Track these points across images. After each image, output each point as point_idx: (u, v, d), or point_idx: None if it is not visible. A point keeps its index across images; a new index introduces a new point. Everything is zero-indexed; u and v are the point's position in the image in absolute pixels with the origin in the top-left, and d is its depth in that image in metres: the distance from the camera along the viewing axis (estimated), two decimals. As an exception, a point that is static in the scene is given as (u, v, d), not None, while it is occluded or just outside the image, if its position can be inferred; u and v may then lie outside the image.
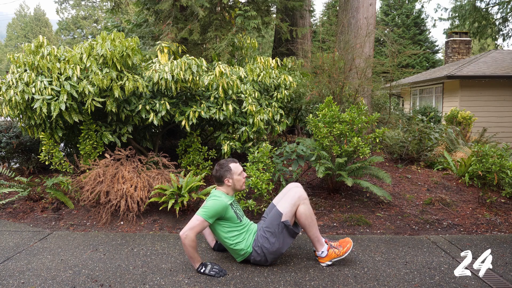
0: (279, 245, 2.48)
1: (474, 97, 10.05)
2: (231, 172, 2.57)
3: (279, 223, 2.48)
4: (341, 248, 2.54)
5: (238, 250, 2.52)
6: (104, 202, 3.45)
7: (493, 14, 13.12)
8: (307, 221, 2.50)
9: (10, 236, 3.14)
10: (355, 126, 3.65)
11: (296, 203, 2.50)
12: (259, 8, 6.33)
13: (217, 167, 2.60)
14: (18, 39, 38.09)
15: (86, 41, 3.88)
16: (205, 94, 4.33)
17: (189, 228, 2.35)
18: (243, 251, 2.52)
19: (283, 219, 2.48)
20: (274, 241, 2.47)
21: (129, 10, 21.90)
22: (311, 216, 2.51)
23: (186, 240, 2.34)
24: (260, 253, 2.49)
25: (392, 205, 3.76)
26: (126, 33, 7.18)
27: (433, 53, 23.66)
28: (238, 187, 2.61)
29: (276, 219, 2.50)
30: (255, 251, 2.50)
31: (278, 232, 2.48)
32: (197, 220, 2.37)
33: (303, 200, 2.51)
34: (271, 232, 2.48)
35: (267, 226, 2.52)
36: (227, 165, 2.58)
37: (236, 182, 2.59)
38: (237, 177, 2.58)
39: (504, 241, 3.03)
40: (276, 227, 2.48)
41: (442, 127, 6.25)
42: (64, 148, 4.98)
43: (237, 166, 2.61)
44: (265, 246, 2.48)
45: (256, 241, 2.52)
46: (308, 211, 2.51)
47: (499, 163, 3.58)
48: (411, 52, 6.29)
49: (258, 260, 2.52)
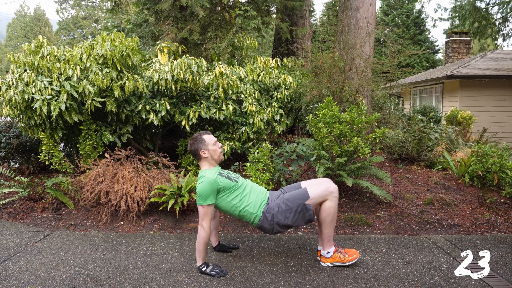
0: (291, 221, 2.44)
1: (474, 97, 10.05)
2: (205, 143, 2.55)
3: (302, 203, 2.43)
4: (346, 255, 2.52)
5: (248, 214, 2.48)
6: (104, 202, 3.45)
7: (493, 14, 13.12)
8: (329, 218, 2.47)
9: (10, 236, 3.14)
10: (355, 126, 3.65)
11: (325, 196, 2.45)
12: (259, 8, 6.34)
13: (190, 141, 2.58)
14: (18, 39, 38.10)
15: (86, 41, 3.88)
16: (205, 94, 4.34)
17: (201, 220, 2.38)
18: (253, 215, 2.48)
19: (307, 202, 2.43)
20: (288, 216, 2.43)
21: (129, 10, 21.91)
22: (334, 214, 2.48)
23: (202, 232, 2.36)
24: (270, 220, 2.46)
25: (392, 205, 3.76)
26: (126, 33, 7.18)
27: (433, 53, 23.67)
28: (216, 157, 2.58)
29: (300, 198, 2.45)
30: (265, 216, 2.47)
31: (297, 211, 2.43)
32: (202, 208, 2.38)
33: (333, 197, 2.46)
34: (289, 207, 2.44)
35: (288, 199, 2.47)
36: (200, 137, 2.56)
37: (212, 152, 2.55)
38: (212, 147, 2.56)
39: (504, 241, 3.03)
40: (297, 205, 2.43)
41: (442, 127, 6.25)
42: (64, 148, 4.98)
43: (210, 137, 2.59)
44: (279, 217, 2.44)
45: (270, 207, 2.48)
46: (333, 209, 2.46)
47: (499, 163, 3.58)
48: (411, 52, 6.29)
49: (265, 226, 2.48)
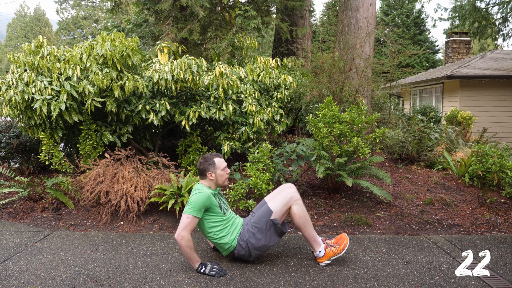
0: (265, 241, 2.48)
1: (474, 97, 10.05)
2: (214, 167, 2.55)
3: (268, 220, 2.49)
4: (338, 246, 2.55)
5: (222, 244, 2.52)
6: (104, 202, 3.45)
7: (493, 14, 13.12)
8: (301, 221, 2.51)
9: (10, 236, 3.14)
10: (355, 126, 3.65)
11: (288, 203, 2.51)
12: (259, 8, 6.34)
13: (201, 160, 2.59)
14: (18, 39, 38.10)
15: (86, 41, 3.88)
16: (205, 94, 4.34)
17: (182, 229, 2.36)
18: (228, 245, 2.52)
19: (272, 217, 2.49)
20: (260, 237, 2.48)
21: (129, 10, 21.91)
22: (305, 216, 2.52)
23: (183, 241, 2.35)
24: (244, 248, 2.50)
25: (392, 205, 3.76)
26: (126, 33, 7.18)
27: (433, 53, 23.66)
28: (220, 182, 2.60)
29: (265, 216, 2.51)
30: (239, 245, 2.51)
31: (266, 229, 2.49)
32: (187, 218, 2.37)
33: (296, 201, 2.52)
34: (258, 228, 2.49)
35: (255, 222, 2.52)
36: (211, 159, 2.57)
37: (218, 177, 2.57)
38: (220, 172, 2.57)
39: (504, 241, 3.03)
40: (264, 224, 2.49)
41: (442, 127, 6.25)
42: (64, 148, 4.98)
43: (221, 161, 2.60)
44: (251, 241, 2.48)
45: (242, 235, 2.52)
46: (301, 212, 2.51)
47: (499, 163, 3.58)
48: (411, 52, 6.29)
49: (242, 254, 2.52)
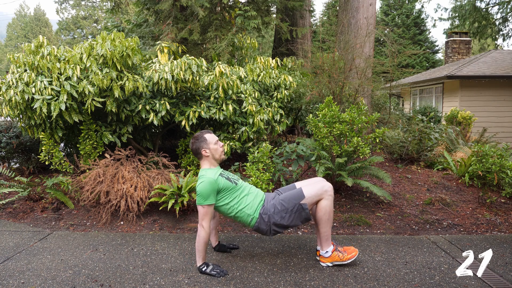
0: (288, 221, 2.46)
1: (474, 97, 10.05)
2: (206, 142, 2.55)
3: (298, 203, 2.45)
4: (345, 253, 2.53)
5: (245, 216, 2.49)
6: (104, 202, 3.45)
7: (493, 14, 13.12)
8: (325, 216, 2.48)
9: (10, 236, 3.14)
10: (355, 126, 3.65)
11: (320, 195, 2.47)
12: (259, 8, 6.34)
13: (192, 140, 2.58)
14: (18, 39, 38.10)
15: (86, 41, 3.88)
16: (205, 94, 4.33)
17: (201, 220, 2.38)
18: (250, 216, 2.49)
19: (303, 201, 2.46)
20: (285, 216, 2.45)
21: (129, 10, 21.92)
22: (330, 213, 2.49)
23: (202, 232, 2.36)
24: (266, 222, 2.47)
25: (392, 205, 3.76)
26: (126, 33, 7.18)
27: (433, 53, 23.66)
28: (217, 157, 2.58)
29: (296, 198, 2.47)
30: (262, 218, 2.48)
31: (293, 211, 2.45)
32: (201, 208, 2.38)
33: (328, 196, 2.49)
34: (285, 207, 2.46)
35: (283, 200, 2.49)
36: (202, 136, 2.57)
37: (213, 151, 2.56)
38: (214, 146, 2.56)
39: (504, 241, 3.03)
40: (293, 205, 2.46)
41: (442, 127, 6.25)
42: (64, 148, 4.99)
43: (211, 136, 2.59)
44: (275, 217, 2.45)
45: (266, 209, 2.49)
46: (329, 207, 2.48)
47: (499, 163, 3.58)
48: (411, 52, 6.29)
49: (262, 228, 2.49)
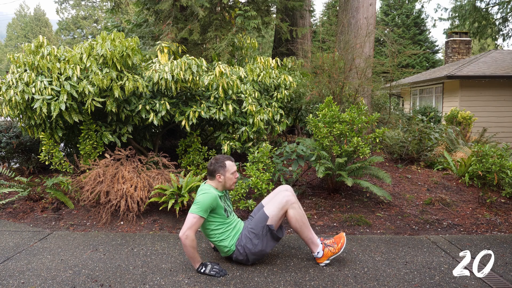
0: (261, 247, 2.49)
1: (474, 97, 10.05)
2: (224, 169, 2.56)
3: (264, 225, 2.50)
4: (335, 245, 2.55)
5: (222, 246, 2.54)
6: (104, 202, 3.45)
7: (493, 14, 13.12)
8: (298, 224, 2.51)
9: (10, 236, 3.14)
10: (355, 126, 3.65)
11: (284, 207, 2.50)
12: (259, 8, 6.34)
13: (212, 160, 2.60)
14: (18, 39, 38.09)
15: (86, 41, 3.88)
16: (205, 94, 4.33)
17: (187, 228, 2.36)
18: (227, 248, 2.53)
19: (268, 223, 2.49)
20: (257, 243, 2.48)
21: (129, 10, 21.91)
22: (301, 219, 2.52)
23: (187, 241, 2.34)
24: (242, 253, 2.50)
25: (392, 205, 3.76)
26: (126, 33, 7.18)
27: (433, 53, 23.65)
28: (228, 186, 2.61)
29: (261, 221, 2.51)
30: (237, 250, 2.52)
31: (262, 235, 2.49)
32: (193, 217, 2.38)
33: (292, 204, 2.51)
34: (255, 234, 2.50)
35: (252, 227, 2.53)
36: (223, 161, 2.58)
37: (227, 180, 2.58)
38: (229, 175, 2.58)
39: (504, 241, 3.03)
40: (261, 229, 2.50)
41: (442, 127, 6.25)
42: (64, 148, 4.99)
43: (232, 165, 2.61)
44: (248, 246, 2.49)
45: (240, 240, 2.53)
46: (297, 215, 2.51)
47: (499, 163, 3.58)
48: (411, 52, 6.30)
49: (240, 259, 2.53)
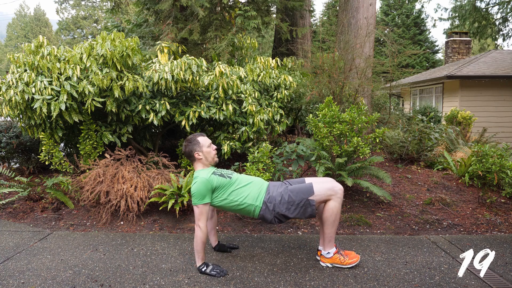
0: (292, 214, 2.43)
1: (474, 97, 10.05)
2: (199, 145, 2.54)
3: (306, 198, 2.41)
4: (347, 258, 2.52)
5: (248, 206, 2.46)
6: (104, 202, 3.45)
7: (493, 14, 13.13)
8: (332, 218, 2.45)
9: (10, 236, 3.14)
10: (355, 126, 3.65)
11: (329, 195, 2.43)
12: (259, 8, 6.34)
13: (185, 143, 2.58)
14: (18, 39, 38.09)
15: (86, 41, 3.88)
16: (205, 94, 4.33)
17: (197, 220, 2.38)
18: (253, 206, 2.46)
19: (311, 198, 2.41)
20: (290, 208, 2.42)
21: (129, 10, 21.90)
22: (337, 215, 2.45)
23: (200, 233, 2.36)
24: (271, 210, 2.44)
25: (392, 205, 3.76)
26: (126, 33, 7.18)
27: (433, 53, 23.65)
28: (210, 159, 2.57)
29: (305, 192, 2.43)
30: (266, 206, 2.45)
31: (299, 205, 2.42)
32: (197, 208, 2.38)
33: (337, 198, 2.44)
34: (293, 199, 2.42)
35: (292, 191, 2.45)
36: (195, 139, 2.56)
37: (206, 154, 2.55)
38: (206, 149, 2.55)
39: (504, 241, 3.03)
40: (300, 199, 2.42)
41: (442, 127, 6.24)
42: (64, 148, 4.98)
43: (205, 139, 2.59)
44: (280, 207, 2.42)
45: (271, 197, 2.46)
46: (336, 209, 2.44)
47: (499, 163, 3.58)
48: (411, 52, 6.29)
49: (266, 216, 2.46)
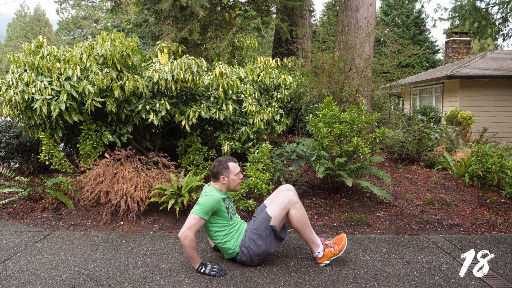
0: (265, 248, 2.48)
1: (474, 97, 10.05)
2: (228, 171, 2.56)
3: (267, 226, 2.48)
4: (336, 246, 2.55)
5: (226, 248, 2.53)
6: (104, 202, 3.45)
7: (493, 14, 13.12)
8: (299, 224, 2.50)
9: (10, 236, 3.14)
10: (355, 126, 3.65)
11: (286, 207, 2.49)
12: (259, 8, 6.34)
13: (215, 163, 2.60)
14: (18, 39, 38.09)
15: (86, 41, 3.88)
16: (205, 94, 4.33)
17: (187, 228, 2.35)
18: (231, 250, 2.53)
19: (271, 223, 2.48)
20: (260, 244, 2.47)
21: (129, 10, 21.91)
22: (303, 219, 2.51)
23: (186, 241, 2.34)
24: (246, 254, 2.50)
25: (392, 205, 3.76)
26: (126, 33, 7.18)
27: (433, 53, 23.65)
28: (232, 187, 2.61)
29: (264, 222, 2.50)
30: (242, 251, 2.51)
31: (266, 236, 2.48)
32: (194, 218, 2.37)
33: (294, 204, 2.50)
34: (258, 235, 2.49)
35: (255, 228, 2.52)
36: (226, 163, 2.58)
37: (231, 181, 2.58)
38: (233, 177, 2.58)
39: (504, 241, 3.03)
40: (264, 230, 2.49)
41: (442, 127, 6.24)
42: (64, 148, 4.98)
43: (235, 166, 2.60)
44: (252, 248, 2.48)
45: (244, 241, 2.52)
46: (299, 215, 2.50)
47: (499, 163, 3.58)
48: (411, 52, 6.29)
49: (244, 260, 2.53)
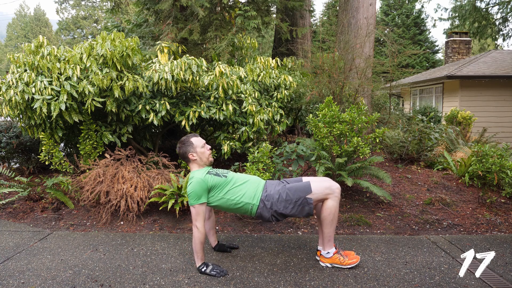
0: (289, 212, 2.42)
1: (474, 97, 10.05)
2: (193, 146, 2.54)
3: (303, 197, 2.40)
4: (346, 258, 2.51)
5: (244, 206, 2.45)
6: (104, 202, 3.45)
7: (493, 14, 13.14)
8: (330, 217, 2.44)
9: (10, 236, 3.14)
10: (355, 126, 3.65)
11: (327, 194, 2.42)
12: (259, 8, 6.34)
13: (179, 144, 2.57)
14: (18, 39, 38.10)
15: (86, 41, 3.88)
16: (205, 94, 4.33)
17: (194, 220, 2.38)
18: (250, 204, 2.45)
19: (309, 196, 2.40)
20: (288, 206, 2.41)
21: (129, 10, 21.90)
22: (335, 214, 2.45)
23: (198, 233, 2.36)
24: (269, 208, 2.43)
25: (392, 205, 3.76)
26: (126, 33, 7.18)
27: (433, 53, 23.65)
28: (205, 160, 2.56)
29: (302, 191, 2.42)
30: (264, 204, 2.44)
31: (296, 203, 2.41)
32: (193, 209, 2.38)
33: (335, 197, 2.43)
34: (290, 198, 2.41)
35: (289, 189, 2.45)
36: (188, 140, 2.55)
37: (200, 155, 2.54)
38: (200, 149, 2.54)
39: (504, 241, 3.03)
40: (298, 197, 2.41)
41: (442, 127, 6.24)
42: (64, 148, 4.99)
43: (198, 140, 2.57)
44: (278, 206, 2.41)
45: (269, 195, 2.45)
46: (334, 208, 2.43)
47: (499, 163, 3.58)
48: (411, 52, 6.30)
49: (264, 215, 2.45)
